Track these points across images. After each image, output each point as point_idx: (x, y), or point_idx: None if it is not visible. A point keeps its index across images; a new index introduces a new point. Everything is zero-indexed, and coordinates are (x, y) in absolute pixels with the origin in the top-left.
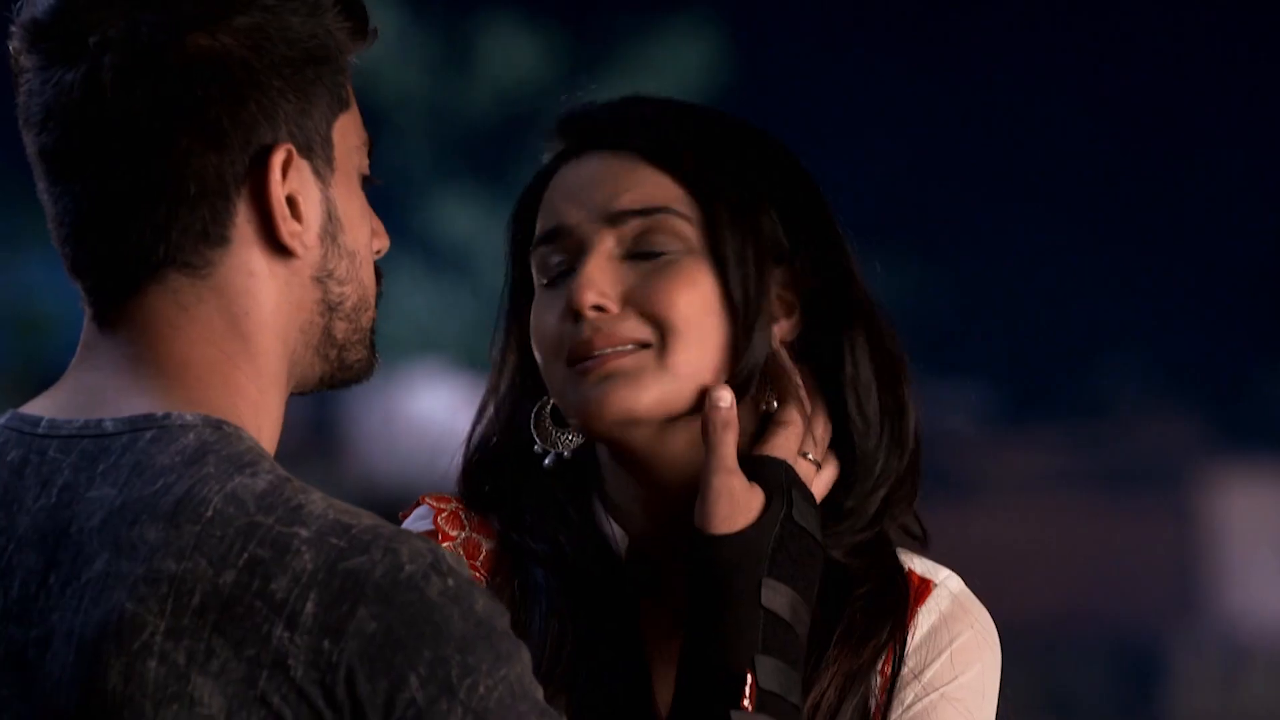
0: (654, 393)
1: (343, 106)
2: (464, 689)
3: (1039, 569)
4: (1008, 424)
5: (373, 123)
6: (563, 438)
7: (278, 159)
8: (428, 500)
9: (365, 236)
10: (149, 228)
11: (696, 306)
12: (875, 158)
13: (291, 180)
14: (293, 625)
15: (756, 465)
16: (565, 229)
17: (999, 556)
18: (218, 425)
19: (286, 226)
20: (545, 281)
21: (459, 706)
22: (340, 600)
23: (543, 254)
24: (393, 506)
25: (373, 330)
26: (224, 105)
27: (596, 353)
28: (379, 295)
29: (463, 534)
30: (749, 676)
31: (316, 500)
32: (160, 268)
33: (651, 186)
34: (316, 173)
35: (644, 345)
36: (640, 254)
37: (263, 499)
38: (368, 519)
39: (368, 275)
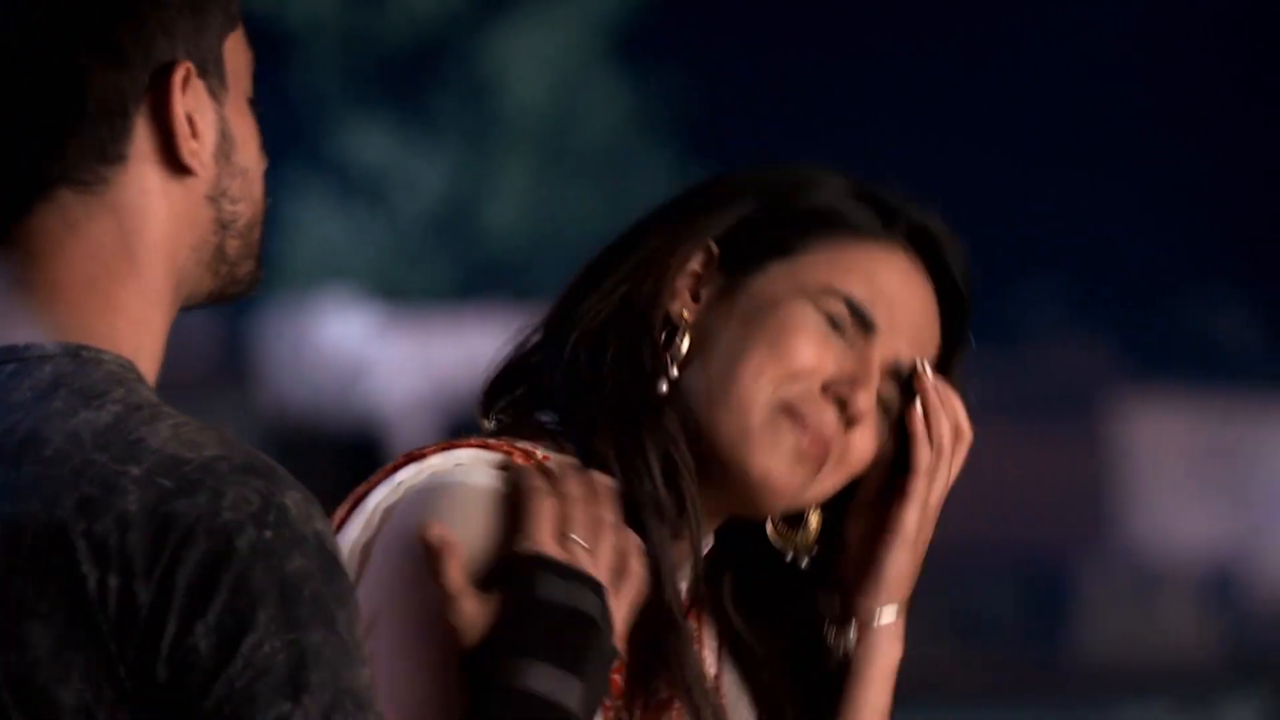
0: (800, 492)
1: (233, 24)
2: (247, 644)
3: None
4: None
5: (284, 47)
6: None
7: (178, 77)
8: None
9: (255, 153)
10: (44, 146)
11: (858, 469)
12: (789, 84)
13: (189, 98)
14: (112, 568)
15: (502, 566)
16: (875, 330)
17: None
18: (76, 353)
19: (187, 145)
20: (822, 319)
21: (239, 660)
22: (154, 544)
23: (845, 315)
24: (303, 434)
25: (260, 244)
26: (124, 23)
27: (811, 425)
28: (265, 210)
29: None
30: None
31: (161, 431)
32: (52, 186)
33: (927, 352)
34: (211, 91)
35: (820, 447)
36: (880, 406)
37: (102, 435)
38: (212, 449)
39: (258, 190)
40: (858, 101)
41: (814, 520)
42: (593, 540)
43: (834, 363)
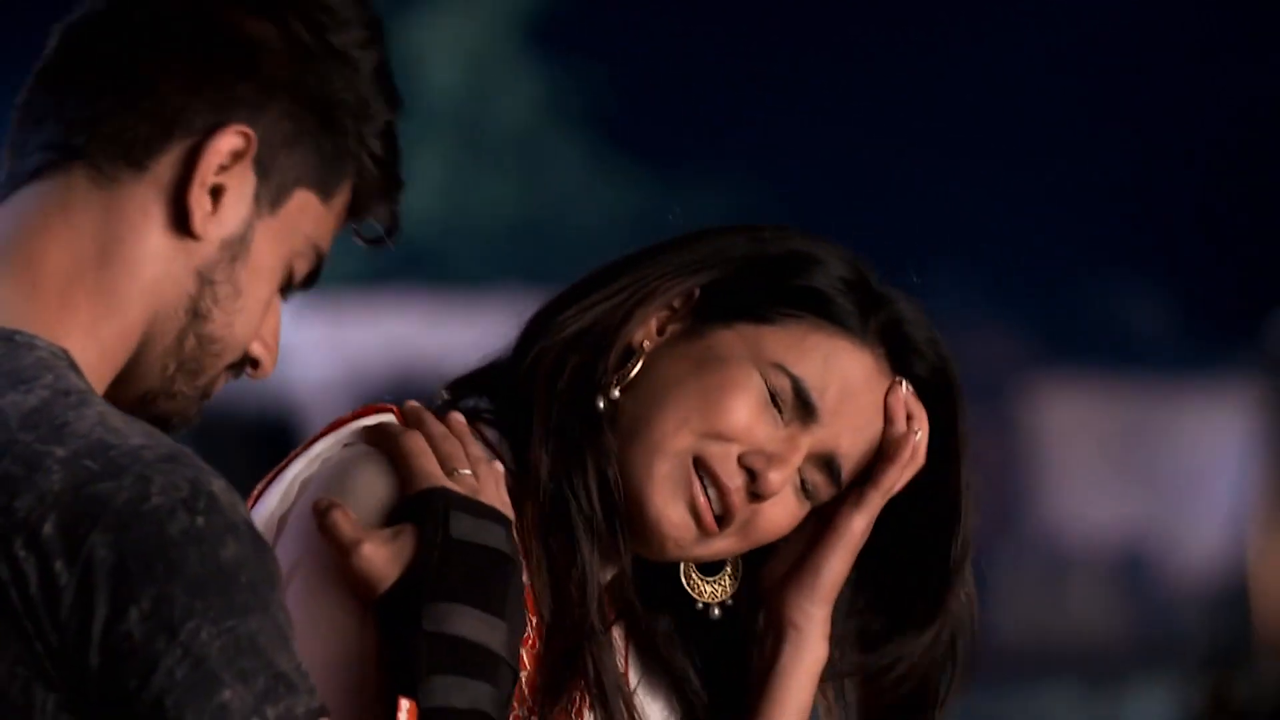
0: (694, 548)
1: (321, 191)
2: (185, 631)
3: None
4: None
5: None
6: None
7: (231, 141)
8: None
9: (262, 295)
10: (87, 118)
11: (774, 536)
12: (702, 74)
13: (232, 174)
14: (31, 543)
15: (410, 504)
16: (818, 417)
17: None
18: (9, 337)
19: (199, 197)
20: (765, 389)
21: (178, 648)
22: (78, 524)
23: (789, 394)
24: (216, 417)
25: (208, 391)
26: (229, 67)
27: (720, 511)
28: (232, 378)
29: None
30: (403, 702)
31: (88, 417)
32: (74, 155)
33: (861, 463)
34: (257, 196)
35: (725, 518)
36: (801, 488)
37: (29, 416)
38: (138, 439)
39: (241, 328)
40: (769, 91)
41: (728, 575)
42: (475, 470)
43: (762, 435)
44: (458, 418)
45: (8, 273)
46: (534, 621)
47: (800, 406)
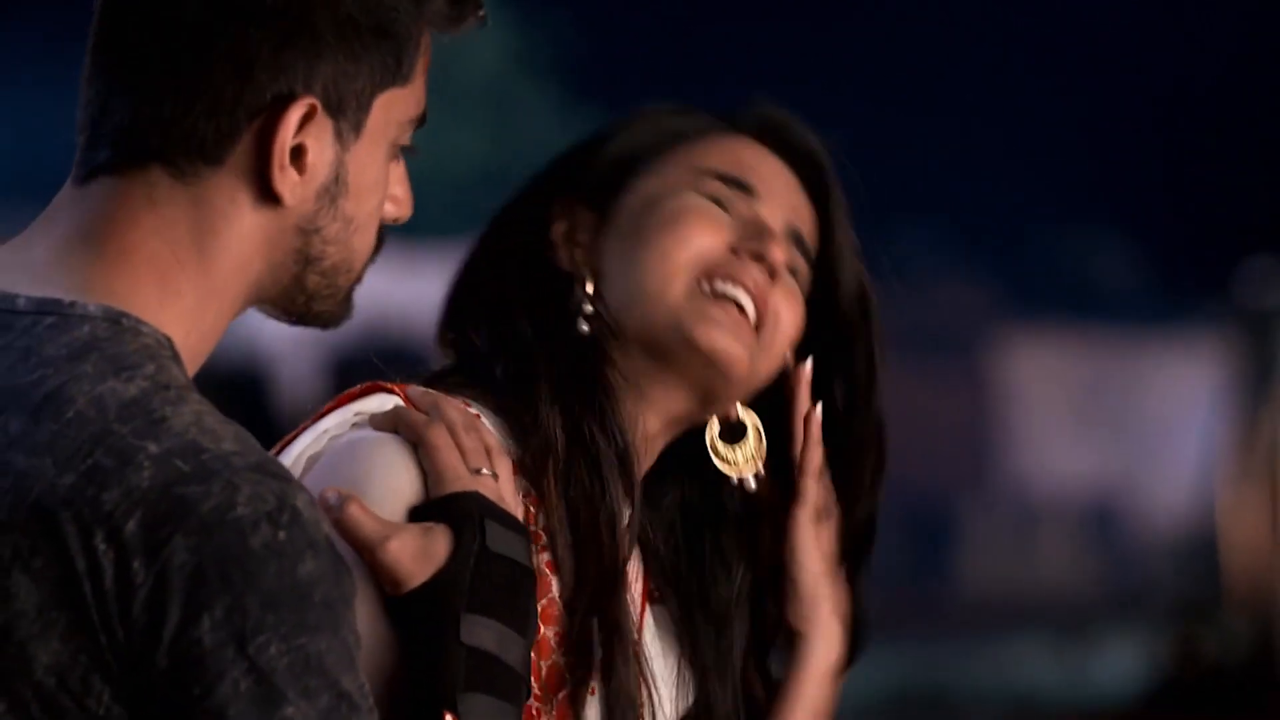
0: (751, 361)
1: (397, 80)
2: (255, 644)
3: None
4: None
5: None
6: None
7: (296, 112)
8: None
9: (372, 205)
10: (153, 119)
11: (791, 336)
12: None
13: (308, 132)
14: (112, 538)
15: (443, 505)
16: (756, 195)
17: None
18: (116, 319)
19: (281, 175)
20: (705, 199)
21: (245, 660)
22: (162, 524)
23: (723, 189)
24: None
25: (350, 290)
26: (263, 42)
27: (739, 296)
28: (373, 260)
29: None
30: (448, 716)
31: (184, 415)
32: (149, 159)
33: (810, 230)
34: (338, 133)
35: (753, 313)
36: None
37: (127, 407)
38: (230, 444)
39: (361, 242)
40: (740, 46)
41: (751, 432)
42: (493, 468)
43: (732, 231)
44: (459, 404)
45: (106, 260)
46: (555, 594)
47: (740, 189)
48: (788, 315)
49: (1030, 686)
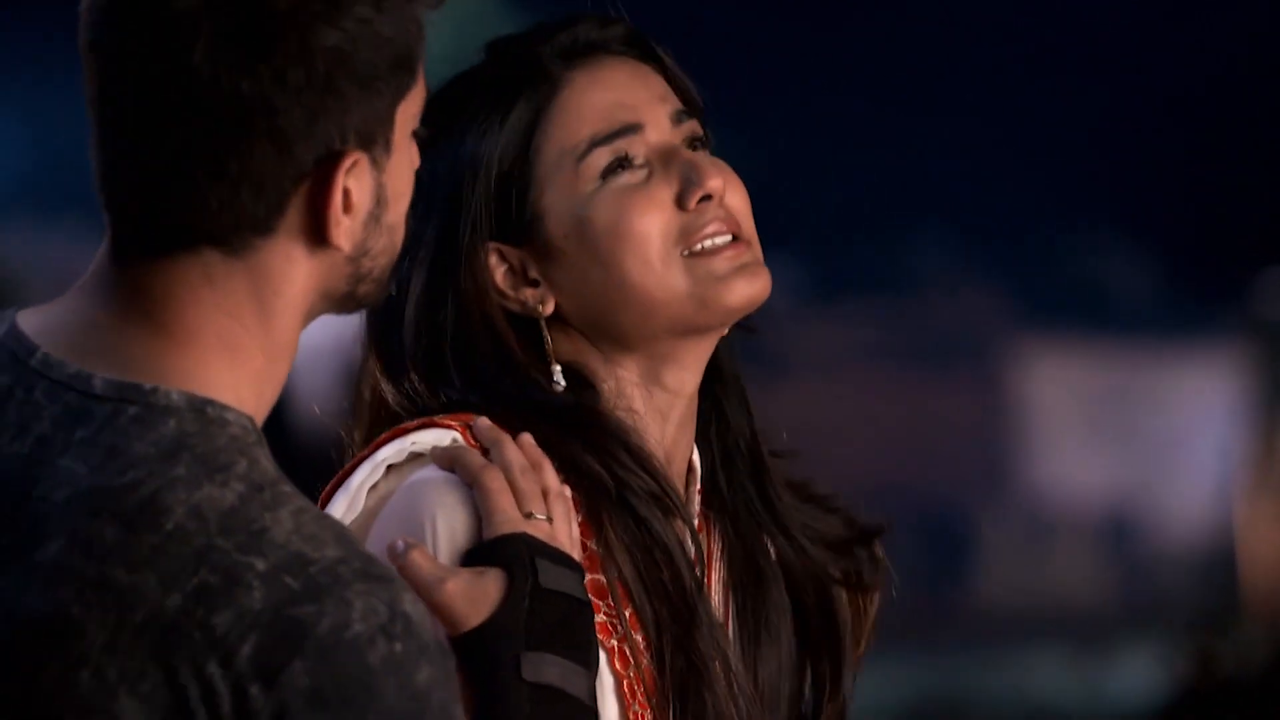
0: (762, 262)
1: (406, 90)
2: None
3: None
4: (816, 300)
5: None
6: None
7: (341, 169)
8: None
9: (406, 201)
10: (196, 206)
11: (748, 197)
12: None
13: (351, 176)
14: (227, 664)
15: (493, 547)
16: (636, 125)
17: (809, 432)
18: (201, 409)
19: (338, 227)
20: (606, 178)
21: None
22: (278, 648)
23: (608, 153)
24: None
25: (390, 271)
26: (301, 117)
27: (720, 239)
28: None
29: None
30: None
31: (284, 522)
32: (199, 242)
33: (674, 87)
34: (374, 161)
35: (735, 236)
36: (695, 149)
37: (226, 518)
38: (334, 550)
39: (400, 235)
40: (740, 46)
41: None
42: (549, 512)
43: (663, 188)
44: (528, 440)
45: (175, 342)
46: (630, 616)
47: (621, 135)
48: (741, 194)
49: (1046, 698)
